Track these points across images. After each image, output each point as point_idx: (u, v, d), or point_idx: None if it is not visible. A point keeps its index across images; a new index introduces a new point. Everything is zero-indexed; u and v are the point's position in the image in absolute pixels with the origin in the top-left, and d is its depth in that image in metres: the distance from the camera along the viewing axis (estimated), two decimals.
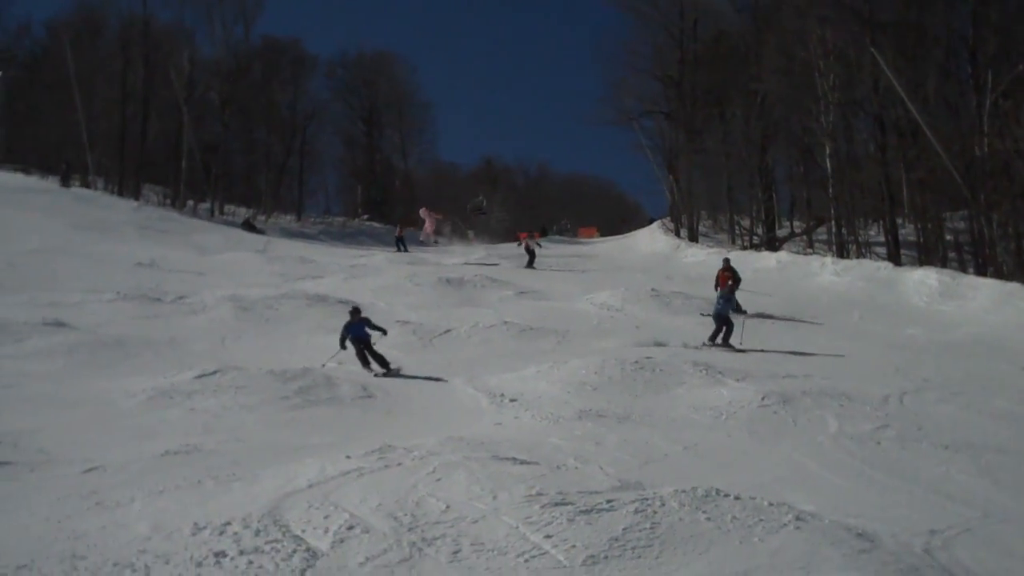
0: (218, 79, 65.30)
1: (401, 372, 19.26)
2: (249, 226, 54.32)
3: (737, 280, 26.37)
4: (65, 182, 53.86)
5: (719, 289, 25.84)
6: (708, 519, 9.02)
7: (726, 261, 27.87)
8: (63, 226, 38.30)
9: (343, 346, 19.63)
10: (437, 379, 18.64)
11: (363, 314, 20.50)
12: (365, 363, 19.45)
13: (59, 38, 63.68)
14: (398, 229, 50.61)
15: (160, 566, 7.91)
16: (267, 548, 8.34)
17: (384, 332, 20.09)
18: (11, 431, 13.44)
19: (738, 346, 22.21)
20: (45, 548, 8.46)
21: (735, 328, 22.62)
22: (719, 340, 22.42)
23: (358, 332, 19.70)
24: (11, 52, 70.28)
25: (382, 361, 19.34)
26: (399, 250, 46.95)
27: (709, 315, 24.44)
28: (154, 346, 21.01)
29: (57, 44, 64.54)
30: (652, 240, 51.98)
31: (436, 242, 47.39)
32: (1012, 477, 12.21)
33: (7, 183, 49.03)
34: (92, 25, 65.03)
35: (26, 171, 57.96)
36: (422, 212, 50.22)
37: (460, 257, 43.11)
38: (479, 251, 47.27)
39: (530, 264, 39.68)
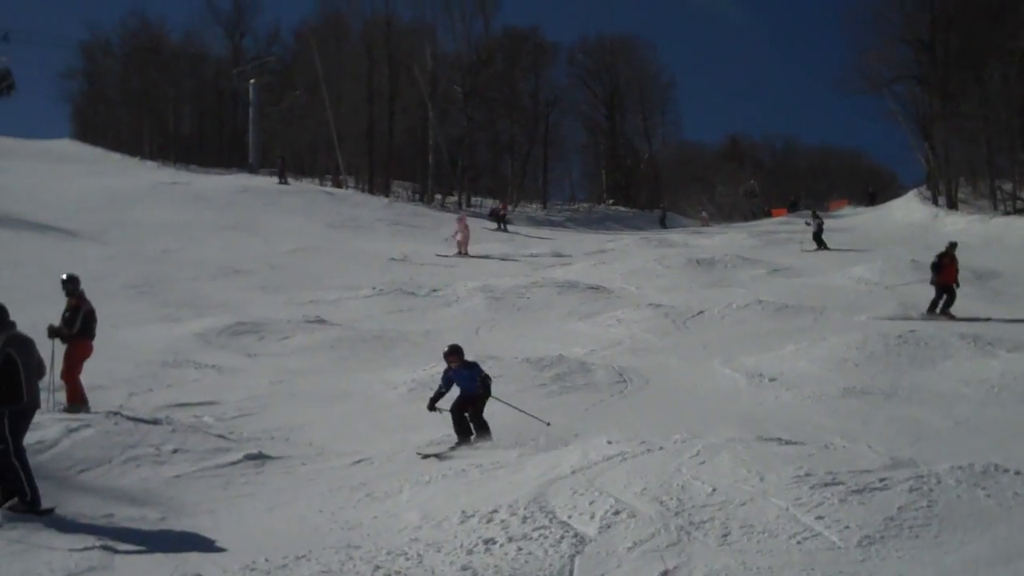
0: (460, 73, 66.54)
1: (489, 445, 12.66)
2: (495, 216, 54.94)
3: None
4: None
5: (937, 282, 22.05)
6: (988, 496, 8.57)
7: (952, 246, 22.94)
8: (319, 226, 39.70)
9: (433, 407, 13.29)
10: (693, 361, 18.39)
11: (467, 355, 13.76)
12: (465, 433, 13.02)
13: (307, 43, 66.25)
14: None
15: (432, 554, 8.01)
16: (535, 535, 8.33)
17: (489, 392, 13.36)
18: (283, 426, 13.98)
19: None
20: (321, 539, 8.74)
21: None
22: None
23: (467, 383, 13.25)
24: (264, 59, 73.28)
25: (485, 430, 13.09)
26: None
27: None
28: (411, 339, 21.50)
29: (305, 49, 67.14)
30: (908, 210, 50.27)
31: (465, 254, 37.22)
32: None
33: (263, 187, 51.22)
34: (337, 28, 67.26)
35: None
36: (460, 221, 40.35)
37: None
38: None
39: (822, 245, 37.14)
